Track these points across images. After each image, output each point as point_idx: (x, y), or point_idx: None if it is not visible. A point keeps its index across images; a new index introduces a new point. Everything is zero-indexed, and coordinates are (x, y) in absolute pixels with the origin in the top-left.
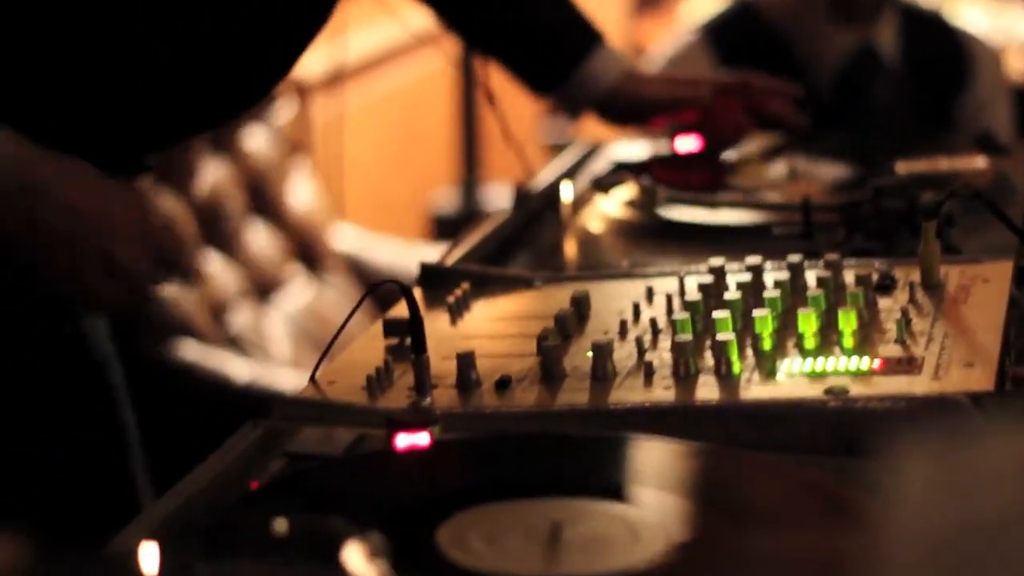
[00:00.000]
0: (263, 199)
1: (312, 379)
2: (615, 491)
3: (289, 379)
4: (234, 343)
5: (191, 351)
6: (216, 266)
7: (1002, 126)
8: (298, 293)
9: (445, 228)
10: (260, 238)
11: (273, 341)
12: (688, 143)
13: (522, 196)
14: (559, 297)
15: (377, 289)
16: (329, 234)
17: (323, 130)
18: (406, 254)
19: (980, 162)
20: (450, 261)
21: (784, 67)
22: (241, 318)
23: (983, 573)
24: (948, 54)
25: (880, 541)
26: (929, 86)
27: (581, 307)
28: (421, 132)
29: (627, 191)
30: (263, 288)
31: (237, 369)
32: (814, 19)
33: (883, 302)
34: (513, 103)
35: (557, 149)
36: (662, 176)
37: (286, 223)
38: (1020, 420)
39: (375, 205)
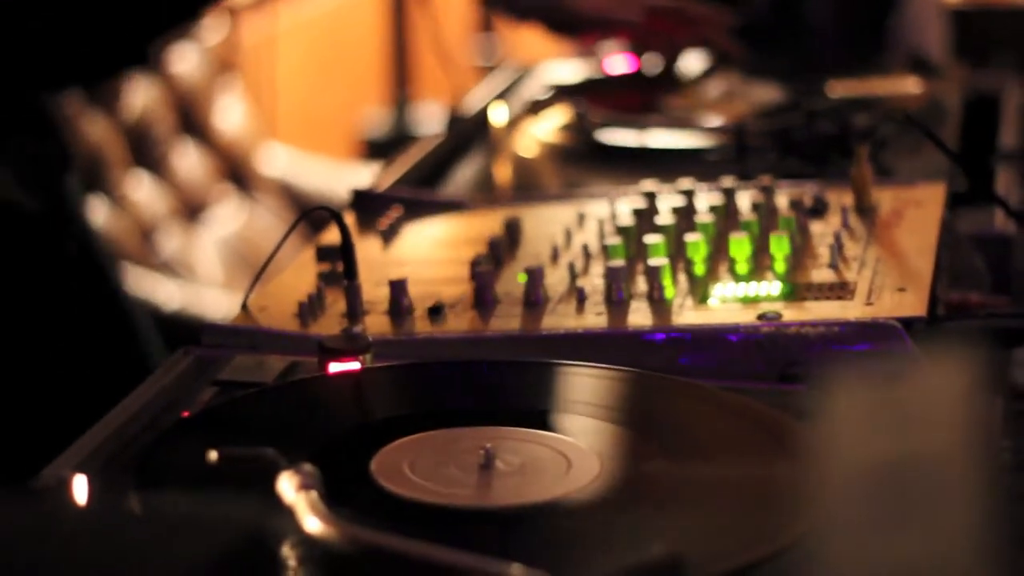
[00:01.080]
0: (192, 120)
1: (244, 306)
2: (548, 418)
3: (220, 303)
4: (165, 266)
5: (121, 277)
6: (145, 188)
7: (935, 45)
8: (229, 215)
9: (377, 149)
10: (190, 159)
11: (204, 264)
12: (619, 64)
13: (454, 119)
14: (492, 222)
15: (308, 215)
16: (259, 155)
17: (253, 50)
18: (338, 175)
19: (912, 84)
20: (382, 186)
21: None
22: (171, 241)
23: (906, 506)
24: None
25: (809, 469)
26: (862, 6)
27: (513, 232)
28: (351, 51)
29: (560, 114)
30: (193, 209)
31: (167, 294)
32: None
33: (816, 226)
34: (444, 22)
35: (488, 70)
36: (595, 99)
37: (216, 144)
38: (950, 346)
39: (306, 125)
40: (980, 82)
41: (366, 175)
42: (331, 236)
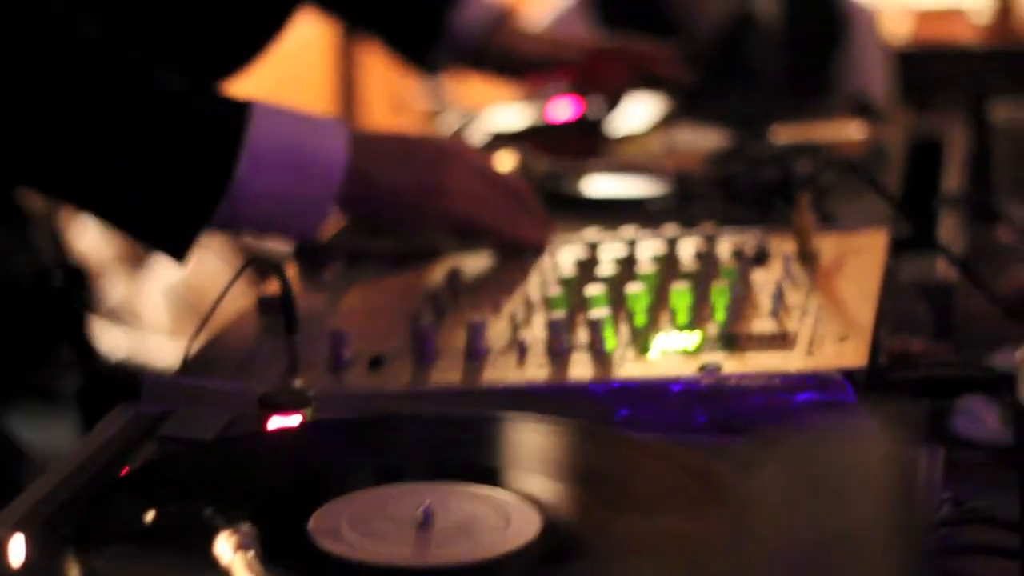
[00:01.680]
0: None
1: (185, 359)
2: (488, 473)
3: (166, 350)
4: (111, 313)
5: (66, 324)
6: (91, 234)
7: (878, 87)
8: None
9: None
10: None
11: (150, 310)
12: (563, 110)
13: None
14: (435, 272)
15: (248, 266)
16: None
17: None
18: None
19: (856, 128)
20: (325, 236)
21: (664, 30)
22: (117, 288)
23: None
24: (824, 16)
25: (747, 523)
26: (806, 47)
27: (455, 283)
28: (299, 95)
29: (504, 161)
30: (139, 256)
31: (113, 341)
32: None
33: (758, 275)
34: (392, 65)
35: (435, 114)
36: (539, 145)
37: None
38: (892, 396)
39: None
40: (924, 126)
41: None
42: (274, 287)
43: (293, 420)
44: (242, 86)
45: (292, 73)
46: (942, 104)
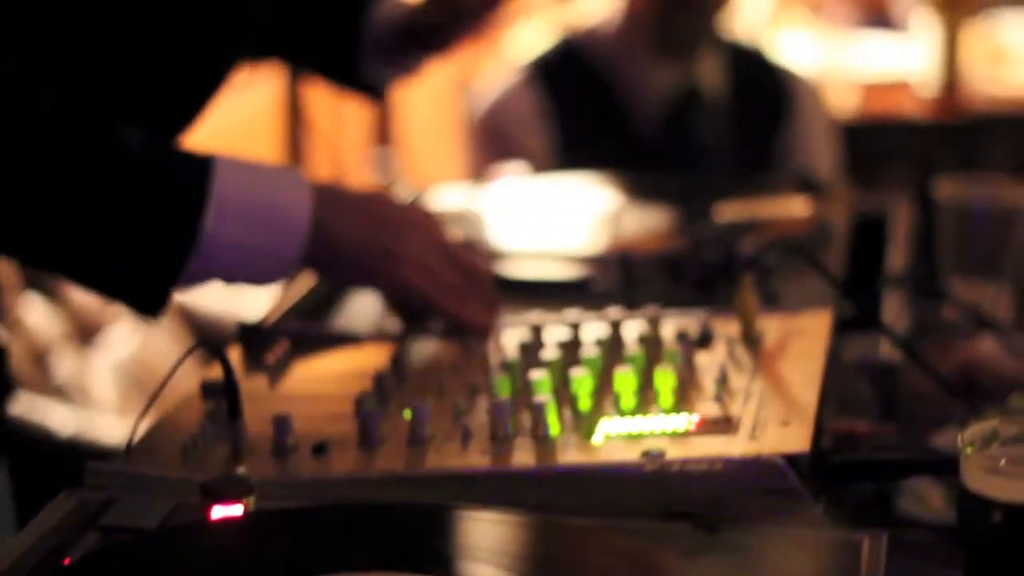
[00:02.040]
0: None
1: (129, 444)
2: (433, 562)
3: (114, 428)
4: (58, 391)
5: (15, 402)
6: (38, 311)
7: (823, 164)
8: (123, 337)
9: None
10: None
11: (98, 388)
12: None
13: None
14: (379, 355)
15: (194, 350)
16: None
17: None
18: (233, 297)
19: (799, 205)
20: (272, 317)
21: (610, 105)
22: (65, 364)
23: None
24: (769, 91)
25: None
26: (751, 123)
27: (400, 367)
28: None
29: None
30: (87, 333)
31: (61, 419)
32: (637, 57)
33: (701, 357)
34: (343, 133)
35: (385, 187)
36: None
37: None
38: (835, 480)
39: None
40: (868, 202)
41: (259, 300)
42: (218, 371)
43: (236, 509)
44: None
45: (236, 146)
46: (887, 179)
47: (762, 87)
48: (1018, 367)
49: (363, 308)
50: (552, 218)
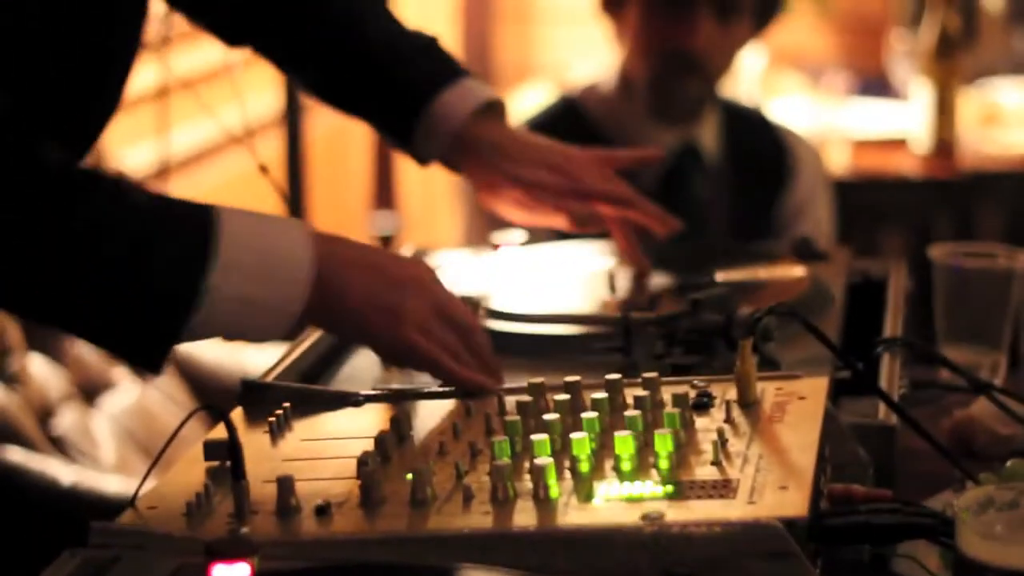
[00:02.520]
0: None
1: (131, 505)
2: None
3: (116, 486)
4: (59, 448)
5: (15, 456)
6: (40, 369)
7: (822, 228)
8: (124, 393)
9: None
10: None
11: (99, 445)
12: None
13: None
14: (381, 415)
15: (197, 412)
16: None
17: None
18: (234, 353)
19: (797, 271)
20: (272, 376)
21: None
22: (67, 422)
23: None
24: (769, 154)
25: None
26: (751, 186)
27: (401, 428)
28: None
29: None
30: (89, 391)
31: (62, 475)
32: (636, 118)
33: (700, 421)
34: (343, 194)
35: (385, 240)
36: None
37: None
38: (833, 543)
39: None
40: (866, 266)
41: (260, 357)
42: (221, 431)
43: (240, 570)
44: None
45: (239, 200)
46: (881, 236)
47: (762, 150)
48: (1013, 431)
49: (364, 367)
50: (552, 281)
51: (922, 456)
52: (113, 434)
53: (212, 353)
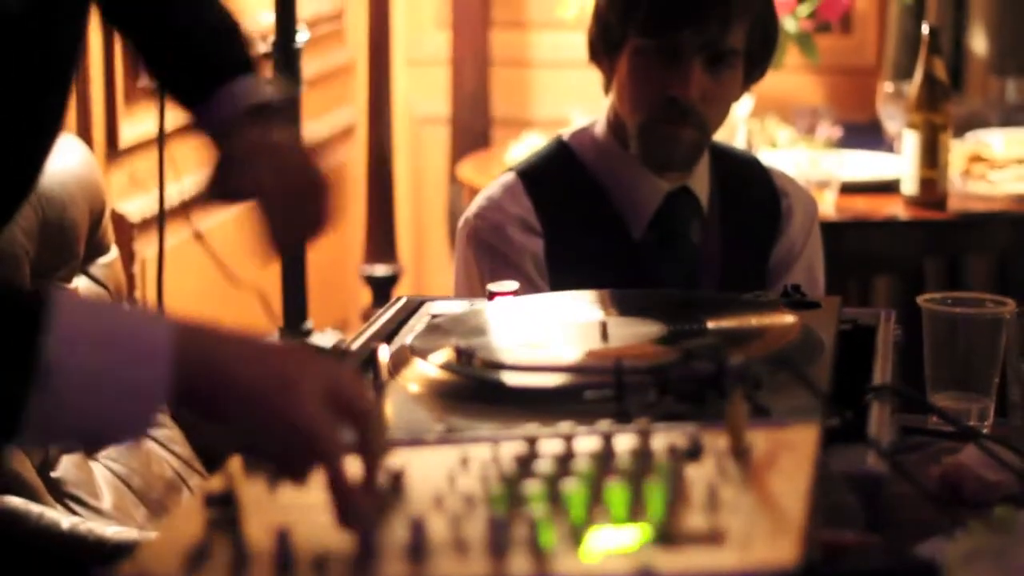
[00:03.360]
0: None
1: (133, 552)
2: None
3: (114, 532)
4: (59, 495)
5: (15, 503)
6: None
7: (815, 273)
8: (125, 446)
9: None
10: None
11: (98, 491)
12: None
13: (339, 356)
14: None
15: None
16: None
17: (145, 273)
18: None
19: (788, 319)
20: None
21: (602, 210)
22: (66, 469)
23: None
24: (762, 200)
25: None
26: (744, 232)
27: (397, 480)
28: (244, 272)
29: (444, 352)
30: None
31: (61, 522)
32: (628, 164)
33: (691, 470)
34: (339, 243)
35: (374, 282)
36: None
37: None
38: None
39: None
40: (856, 314)
41: None
42: (220, 482)
43: None
44: (189, 260)
45: (235, 244)
46: (872, 282)
47: (755, 196)
48: (1002, 477)
49: None
50: (545, 330)
51: (912, 503)
52: (111, 480)
53: None
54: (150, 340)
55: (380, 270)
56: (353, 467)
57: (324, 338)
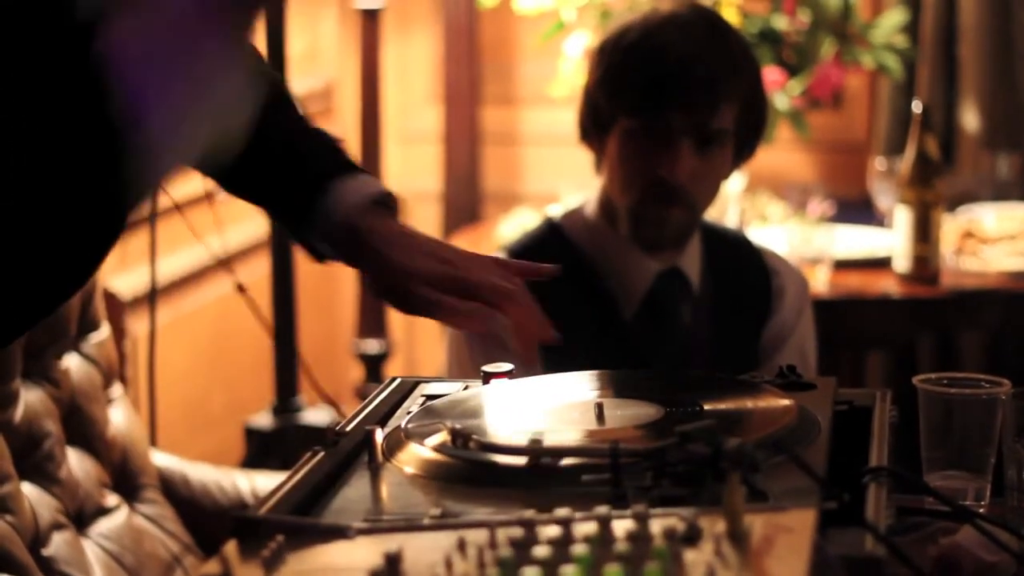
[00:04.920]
0: (76, 427)
1: None
2: None
3: None
4: (51, 573)
5: None
6: (32, 495)
7: (807, 353)
8: (113, 516)
9: (262, 444)
10: (76, 465)
11: (90, 569)
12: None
13: (334, 439)
14: (374, 548)
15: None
16: (143, 461)
17: (136, 350)
18: (223, 478)
19: (783, 400)
20: (265, 509)
21: (593, 290)
22: (57, 547)
23: None
24: (753, 280)
25: None
26: (735, 312)
27: (394, 564)
28: (235, 348)
29: (439, 435)
30: (79, 516)
31: None
32: (619, 244)
33: (689, 555)
34: (330, 319)
35: (368, 359)
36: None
37: (101, 450)
38: None
39: (191, 425)
40: (851, 395)
41: (247, 483)
42: (215, 567)
43: None
44: (182, 337)
45: (227, 322)
46: (865, 358)
47: (746, 276)
48: (999, 558)
49: (357, 499)
50: (540, 413)
51: None
52: (103, 559)
53: (198, 475)
54: None
55: (372, 346)
56: None
57: (316, 415)
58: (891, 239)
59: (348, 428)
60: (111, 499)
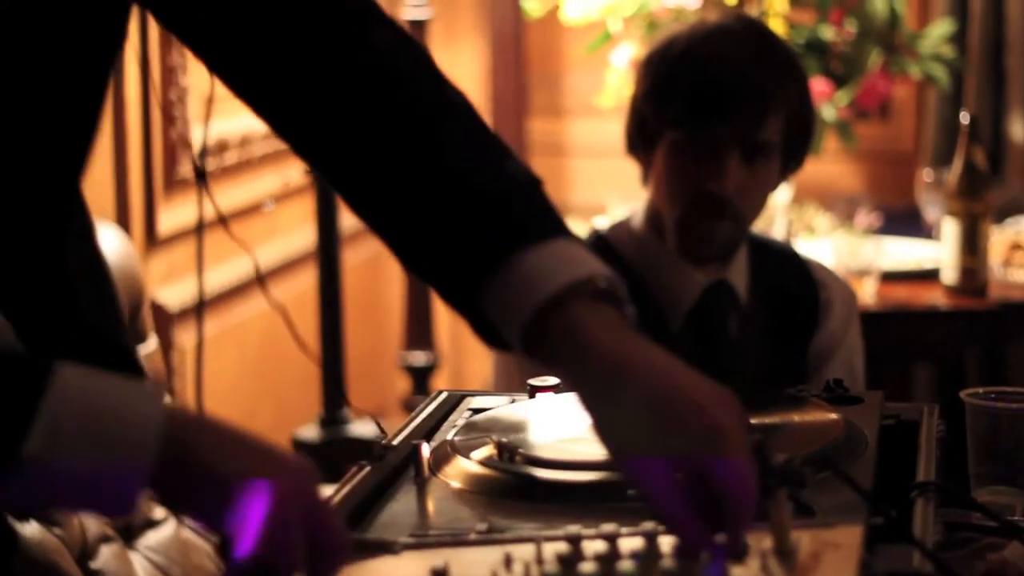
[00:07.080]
0: None
1: None
2: None
3: None
4: None
5: None
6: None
7: (854, 366)
8: (161, 528)
9: (310, 457)
10: None
11: None
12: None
13: (381, 452)
14: (420, 563)
15: None
16: None
17: (184, 362)
18: None
19: (831, 415)
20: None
21: (640, 303)
22: (105, 560)
23: None
24: (800, 292)
25: None
26: (782, 325)
27: None
28: (282, 359)
29: (485, 449)
30: (127, 528)
31: None
32: (666, 256)
33: (736, 570)
34: (377, 331)
35: (415, 371)
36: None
37: None
38: None
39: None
40: (899, 409)
41: None
42: None
43: None
44: (229, 350)
45: (275, 333)
46: (913, 371)
47: (793, 288)
48: None
49: (403, 514)
50: (586, 427)
51: None
52: (151, 571)
53: None
54: (139, 430)
55: (419, 358)
56: None
57: (362, 427)
58: (939, 251)
59: (395, 442)
60: (158, 512)
